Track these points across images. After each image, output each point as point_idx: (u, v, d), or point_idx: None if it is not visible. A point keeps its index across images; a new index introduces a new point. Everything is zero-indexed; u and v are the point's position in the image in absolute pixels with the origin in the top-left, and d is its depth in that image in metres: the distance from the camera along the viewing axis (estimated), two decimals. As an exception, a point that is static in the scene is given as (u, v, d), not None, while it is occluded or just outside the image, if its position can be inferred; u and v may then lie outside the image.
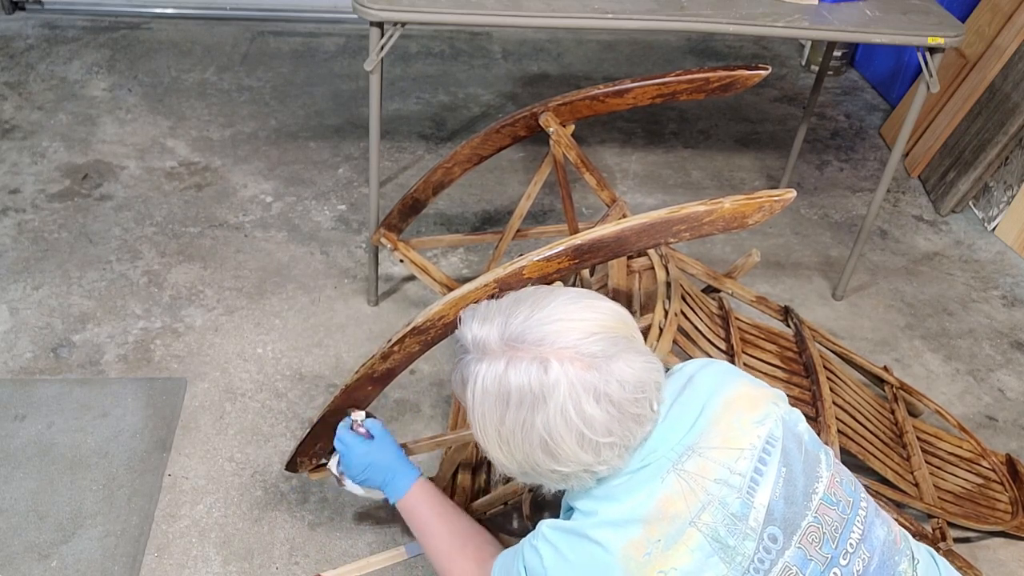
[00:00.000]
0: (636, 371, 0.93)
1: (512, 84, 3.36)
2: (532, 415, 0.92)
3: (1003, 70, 2.77)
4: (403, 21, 1.78)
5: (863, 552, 0.99)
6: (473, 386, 0.96)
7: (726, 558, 0.92)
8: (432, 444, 1.54)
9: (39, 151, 2.78)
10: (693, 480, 0.94)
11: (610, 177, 2.85)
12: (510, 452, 0.96)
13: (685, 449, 0.97)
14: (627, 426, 0.93)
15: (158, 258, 2.38)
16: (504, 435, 0.95)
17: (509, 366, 0.93)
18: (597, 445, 0.92)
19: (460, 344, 1.00)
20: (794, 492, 0.96)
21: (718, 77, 1.71)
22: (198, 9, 3.65)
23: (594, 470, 0.95)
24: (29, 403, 1.94)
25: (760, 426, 0.99)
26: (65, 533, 1.69)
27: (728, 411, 1.00)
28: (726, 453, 0.96)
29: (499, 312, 0.98)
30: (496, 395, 0.93)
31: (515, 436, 0.94)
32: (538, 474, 0.98)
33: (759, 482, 0.95)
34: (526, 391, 0.91)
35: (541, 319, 0.94)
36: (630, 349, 0.95)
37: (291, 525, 1.74)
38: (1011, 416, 2.12)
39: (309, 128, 3.00)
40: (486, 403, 0.95)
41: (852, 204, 2.84)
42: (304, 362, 2.10)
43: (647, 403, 0.95)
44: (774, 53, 3.76)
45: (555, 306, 0.96)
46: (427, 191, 1.98)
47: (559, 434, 0.92)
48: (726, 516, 0.93)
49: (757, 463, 0.96)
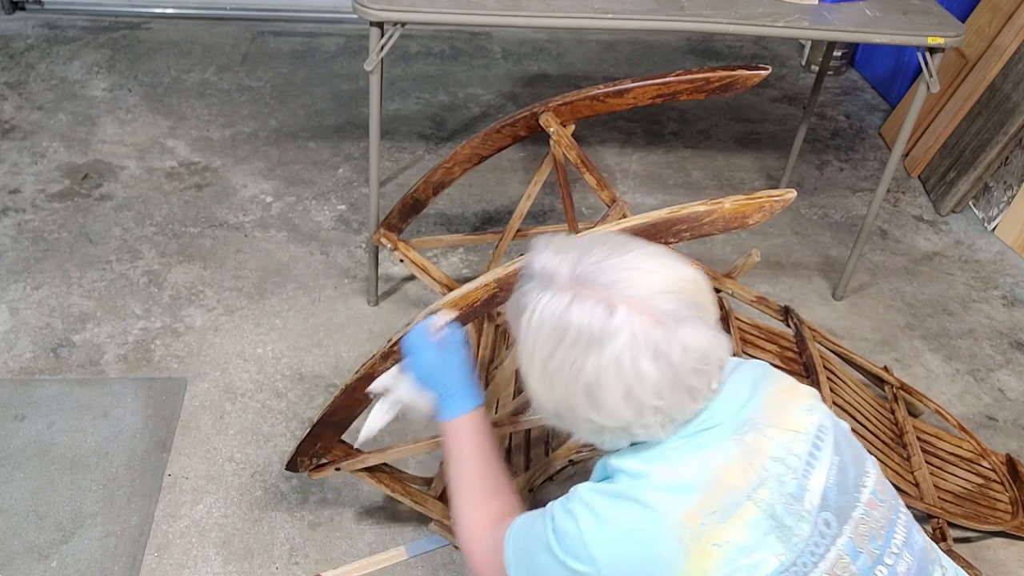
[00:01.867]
0: (702, 342, 0.88)
1: (512, 84, 3.36)
2: (584, 356, 0.87)
3: (1003, 70, 2.77)
4: (403, 21, 1.78)
5: (907, 556, 0.96)
6: (531, 314, 0.91)
7: (783, 537, 0.88)
8: (432, 444, 1.54)
9: (39, 151, 2.78)
10: (752, 453, 0.91)
11: (610, 177, 2.85)
12: (551, 388, 0.92)
13: (744, 421, 0.93)
14: (679, 395, 0.89)
15: (158, 258, 2.38)
16: (550, 370, 0.90)
17: (574, 302, 0.88)
18: (642, 405, 0.88)
19: (526, 270, 0.95)
20: (846, 481, 0.93)
21: (718, 77, 1.71)
22: (198, 9, 3.66)
23: (632, 431, 0.91)
24: (29, 403, 1.94)
25: (811, 414, 0.96)
26: (65, 533, 1.69)
27: (779, 395, 0.97)
28: (782, 433, 0.93)
29: (575, 248, 0.93)
30: (552, 328, 0.89)
31: (561, 373, 0.89)
32: (572, 419, 0.94)
33: (814, 466, 0.92)
34: (584, 331, 0.87)
35: (617, 264, 0.90)
36: (701, 319, 0.90)
37: (291, 525, 1.74)
38: (1011, 416, 2.12)
39: (309, 128, 3.00)
40: (540, 333, 0.90)
41: (852, 204, 2.84)
42: (304, 362, 2.10)
43: (706, 377, 0.90)
44: (774, 53, 3.76)
45: (635, 255, 0.92)
46: (427, 191, 1.98)
47: (607, 382, 0.87)
48: (783, 495, 0.89)
49: (811, 448, 0.93)
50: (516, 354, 0.96)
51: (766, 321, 1.93)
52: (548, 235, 0.98)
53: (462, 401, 1.21)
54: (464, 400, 1.21)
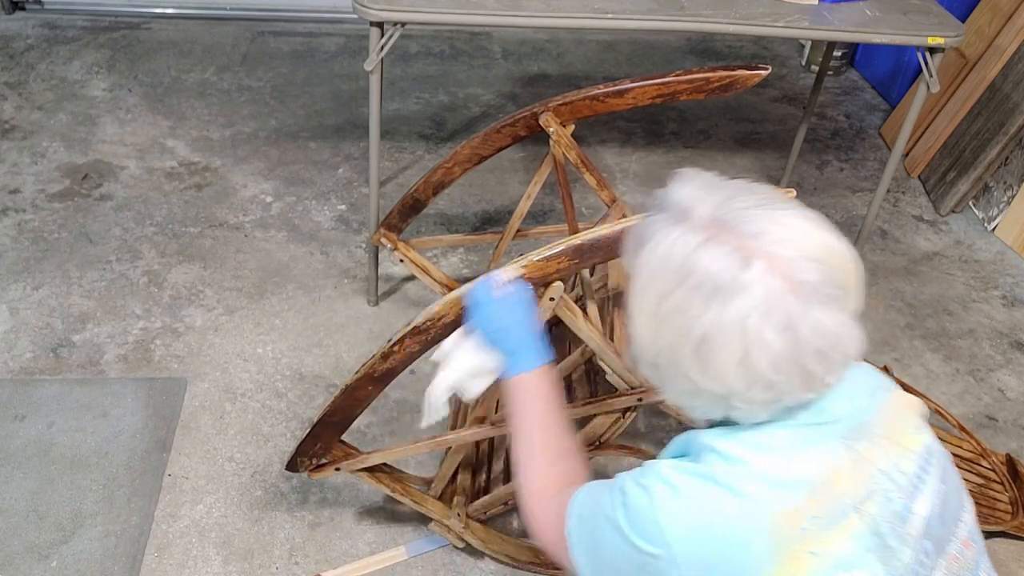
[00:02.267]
0: (836, 326, 0.78)
1: (512, 84, 3.36)
2: (705, 306, 0.77)
3: (1003, 70, 2.77)
4: (403, 21, 1.78)
5: None
6: (655, 247, 0.81)
7: (884, 558, 0.81)
8: (432, 444, 1.54)
9: (39, 151, 2.78)
10: (862, 461, 0.82)
11: (610, 177, 2.85)
12: (656, 333, 0.82)
13: (857, 426, 0.84)
14: (793, 377, 0.78)
15: (158, 258, 2.38)
16: (662, 312, 0.80)
17: (707, 244, 0.78)
18: (754, 376, 0.77)
19: (660, 200, 0.86)
20: (947, 513, 0.86)
21: (718, 77, 1.71)
22: (198, 9, 3.65)
23: (732, 402, 0.81)
24: (29, 403, 1.94)
25: (922, 433, 0.88)
26: (65, 533, 1.69)
27: (896, 408, 0.89)
28: (894, 446, 0.85)
29: (724, 188, 0.84)
30: (676, 267, 0.79)
31: (673, 319, 0.79)
32: (670, 373, 0.83)
33: (920, 489, 0.84)
34: (712, 278, 0.77)
35: (767, 215, 0.79)
36: (841, 301, 0.79)
37: (291, 525, 1.74)
38: (1011, 416, 2.12)
39: (309, 128, 3.00)
40: (660, 270, 0.80)
41: (852, 204, 2.84)
42: (304, 362, 2.10)
43: (826, 366, 0.79)
44: (774, 53, 3.76)
45: (788, 213, 0.81)
46: (427, 191, 1.98)
47: (724, 340, 0.77)
48: (890, 512, 0.81)
49: (919, 469, 0.85)
50: (627, 290, 0.85)
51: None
52: (694, 170, 0.87)
53: (529, 357, 1.14)
54: (531, 357, 1.14)
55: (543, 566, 1.68)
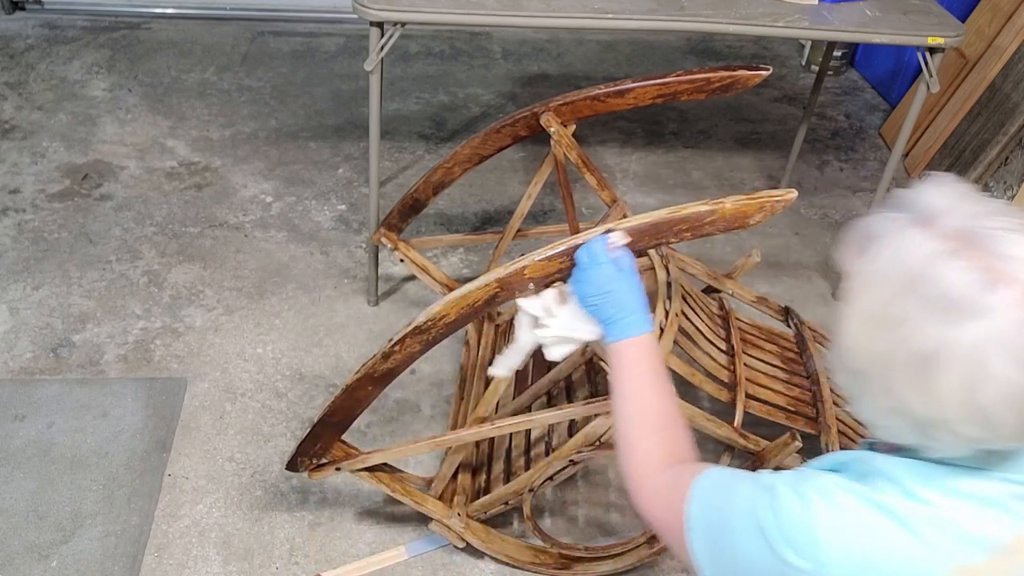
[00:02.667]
0: None
1: (512, 84, 3.36)
2: (935, 322, 0.71)
3: (1003, 70, 2.77)
4: (403, 21, 1.78)
5: None
6: (887, 245, 0.75)
7: None
8: (432, 444, 1.54)
9: (39, 151, 2.78)
10: None
11: (610, 177, 2.85)
12: (871, 338, 0.76)
13: None
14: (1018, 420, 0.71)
15: (158, 258, 2.38)
16: (883, 318, 0.74)
17: (950, 255, 0.71)
18: (974, 409, 0.71)
19: (900, 199, 0.79)
20: None
21: (719, 77, 1.70)
22: (198, 9, 3.65)
23: (933, 432, 0.74)
24: (29, 403, 1.94)
25: None
26: (65, 533, 1.69)
27: None
28: None
29: (980, 203, 0.76)
30: (909, 272, 0.73)
31: (893, 327, 0.73)
32: (873, 384, 0.77)
33: None
34: (949, 293, 0.71)
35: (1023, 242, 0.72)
36: None
37: (291, 525, 1.74)
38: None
39: (309, 128, 3.00)
40: (890, 270, 0.74)
41: (852, 204, 2.84)
42: (304, 362, 2.10)
43: None
44: (774, 53, 3.76)
45: None
46: (427, 191, 1.98)
47: (950, 364, 0.70)
48: None
49: None
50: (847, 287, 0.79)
51: (766, 321, 1.93)
52: (951, 175, 0.81)
53: (638, 322, 1.09)
54: (641, 323, 1.09)
55: (543, 566, 1.68)
